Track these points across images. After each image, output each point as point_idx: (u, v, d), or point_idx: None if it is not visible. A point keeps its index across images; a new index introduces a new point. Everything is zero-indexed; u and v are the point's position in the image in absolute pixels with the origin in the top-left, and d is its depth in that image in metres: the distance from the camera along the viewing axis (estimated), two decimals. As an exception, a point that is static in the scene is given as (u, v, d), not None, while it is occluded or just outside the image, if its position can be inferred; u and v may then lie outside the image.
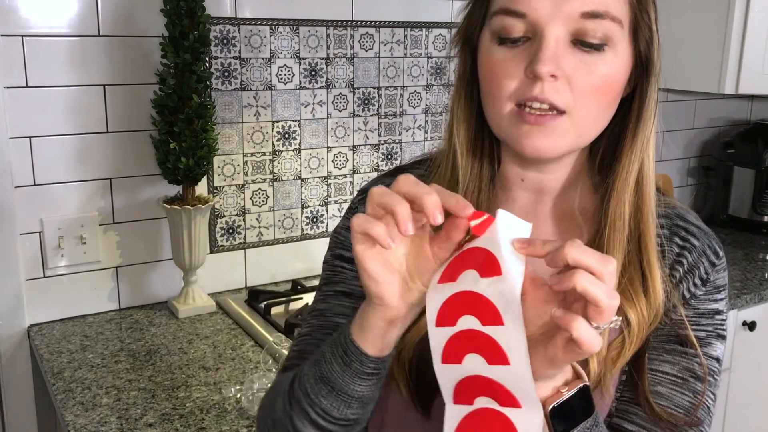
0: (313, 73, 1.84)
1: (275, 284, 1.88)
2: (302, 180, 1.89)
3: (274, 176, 1.85)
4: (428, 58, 2.01)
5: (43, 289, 1.61)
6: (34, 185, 1.56)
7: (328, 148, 1.91)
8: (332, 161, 1.92)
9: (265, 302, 1.70)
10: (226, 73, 1.73)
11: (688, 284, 0.77)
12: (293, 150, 1.86)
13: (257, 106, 1.78)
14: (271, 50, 1.77)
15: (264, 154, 1.82)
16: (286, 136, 1.84)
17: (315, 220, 1.94)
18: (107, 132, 1.61)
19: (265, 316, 1.66)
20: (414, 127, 2.04)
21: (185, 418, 1.25)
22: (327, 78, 1.86)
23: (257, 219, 1.85)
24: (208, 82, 1.58)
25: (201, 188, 1.71)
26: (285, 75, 1.80)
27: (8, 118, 1.50)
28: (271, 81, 1.79)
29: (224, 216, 1.80)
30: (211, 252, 1.79)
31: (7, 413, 1.61)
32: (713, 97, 2.61)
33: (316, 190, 1.92)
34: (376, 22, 1.90)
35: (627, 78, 0.73)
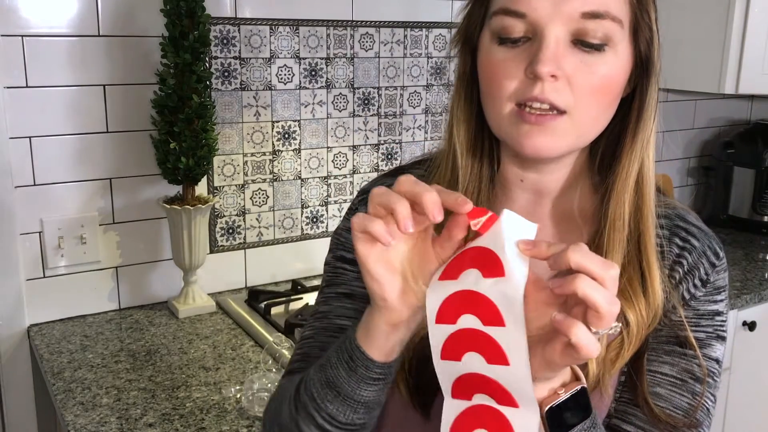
0: (313, 73, 1.84)
1: (275, 284, 1.88)
2: (302, 180, 1.89)
3: (274, 176, 1.84)
4: (428, 58, 2.01)
5: (43, 289, 1.61)
6: (34, 185, 1.56)
7: (328, 148, 1.91)
8: (332, 161, 1.92)
9: (265, 302, 1.70)
10: (226, 73, 1.73)
11: (688, 285, 0.76)
12: (293, 150, 1.86)
13: (257, 106, 1.78)
14: (271, 50, 1.77)
15: (264, 154, 1.82)
16: (286, 136, 1.84)
17: (315, 220, 1.93)
18: (107, 132, 1.61)
19: (265, 316, 1.66)
20: (414, 127, 2.04)
21: (185, 418, 1.25)
22: (327, 78, 1.86)
23: (257, 219, 1.85)
24: (208, 82, 1.58)
25: (201, 188, 1.71)
26: (285, 75, 1.80)
27: (8, 118, 1.50)
28: (271, 81, 1.79)
29: (224, 216, 1.80)
30: (211, 252, 1.79)
31: (7, 413, 1.61)
32: (713, 97, 2.61)
33: (316, 190, 1.92)
34: (376, 22, 1.90)
35: (627, 78, 0.73)
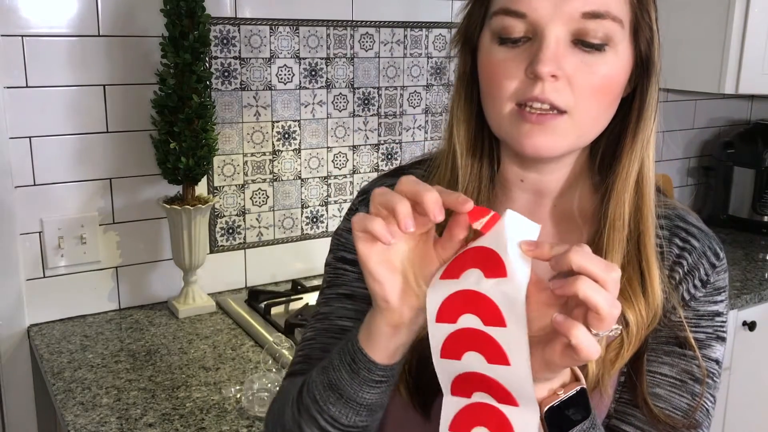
0: (313, 73, 1.84)
1: (275, 284, 1.88)
2: (302, 180, 1.89)
3: (274, 176, 1.84)
4: (428, 58, 2.01)
5: (43, 289, 1.61)
6: (34, 185, 1.56)
7: (328, 148, 1.91)
8: (332, 161, 1.92)
9: (265, 302, 1.70)
10: (226, 73, 1.73)
11: (688, 286, 0.76)
12: (293, 150, 1.86)
13: (257, 106, 1.78)
14: (271, 50, 1.77)
15: (264, 154, 1.82)
16: (286, 136, 1.84)
17: (315, 220, 1.93)
18: (107, 132, 1.61)
19: (265, 316, 1.66)
20: (414, 127, 2.04)
21: (185, 418, 1.25)
22: (327, 78, 1.86)
23: (257, 219, 1.85)
24: (208, 82, 1.58)
25: (201, 188, 1.71)
26: (285, 75, 1.80)
27: (8, 118, 1.50)
28: (271, 81, 1.79)
29: (224, 216, 1.80)
30: (211, 252, 1.79)
31: (7, 413, 1.61)
32: (713, 97, 2.61)
33: (316, 190, 1.92)
34: (376, 22, 1.90)
35: (627, 78, 0.72)
